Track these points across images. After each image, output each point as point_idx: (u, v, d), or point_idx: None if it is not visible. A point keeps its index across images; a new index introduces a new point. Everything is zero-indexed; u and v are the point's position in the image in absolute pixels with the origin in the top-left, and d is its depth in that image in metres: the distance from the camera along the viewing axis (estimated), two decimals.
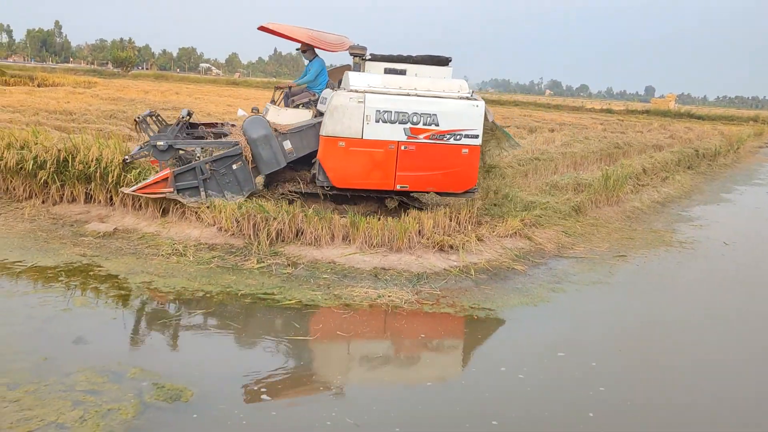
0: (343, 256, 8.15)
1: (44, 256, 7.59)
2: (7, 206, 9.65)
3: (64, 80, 43.01)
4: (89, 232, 8.66)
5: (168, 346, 5.71)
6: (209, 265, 7.68)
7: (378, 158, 9.17)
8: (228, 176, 9.17)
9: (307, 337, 5.93)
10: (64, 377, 4.80)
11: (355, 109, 9.04)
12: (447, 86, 9.36)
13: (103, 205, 9.46)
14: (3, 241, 8.05)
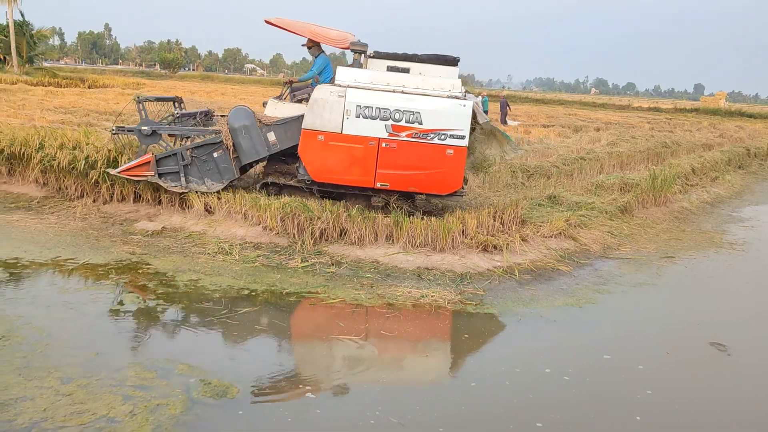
0: (386, 255, 8.17)
1: (95, 254, 7.77)
2: (60, 205, 9.92)
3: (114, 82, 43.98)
4: (138, 230, 8.84)
5: (215, 344, 5.79)
6: (254, 264, 7.78)
7: (357, 154, 9.10)
8: (209, 163, 9.43)
9: (352, 336, 5.96)
10: (115, 372, 4.92)
11: (335, 103, 9.04)
12: (438, 84, 9.14)
13: (152, 205, 9.66)
14: (56, 239, 8.27)
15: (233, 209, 9.04)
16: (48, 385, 4.63)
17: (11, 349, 5.17)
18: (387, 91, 9.06)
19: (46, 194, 10.45)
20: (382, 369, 5.53)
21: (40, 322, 5.77)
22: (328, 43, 10.10)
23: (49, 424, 4.13)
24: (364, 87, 9.09)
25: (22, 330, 5.55)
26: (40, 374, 4.78)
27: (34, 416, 4.21)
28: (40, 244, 8.05)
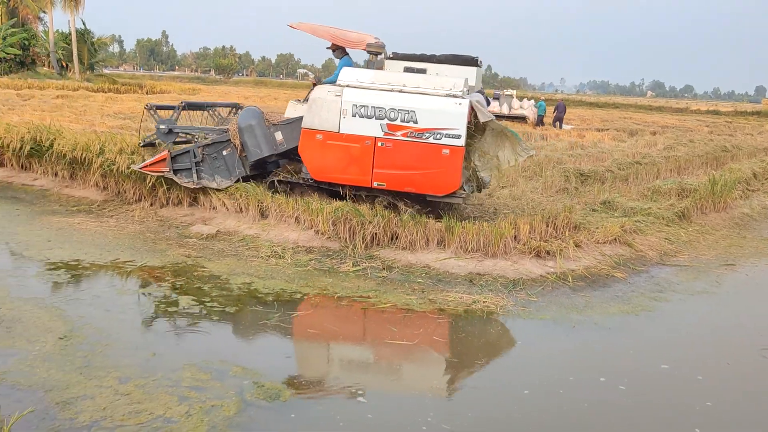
0: (437, 260, 8.14)
1: (152, 257, 7.95)
2: (119, 208, 10.18)
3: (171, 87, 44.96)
4: (193, 234, 9.01)
5: (268, 346, 5.86)
6: (306, 268, 7.85)
7: (354, 153, 9.09)
8: (219, 161, 9.85)
9: (403, 341, 5.95)
10: (171, 373, 5.01)
11: (332, 102, 9.09)
12: (438, 83, 8.98)
13: (207, 209, 9.83)
14: (115, 242, 8.49)
15: (286, 213, 9.14)
16: (107, 384, 4.74)
17: (72, 348, 5.32)
18: (385, 90, 9.01)
19: (105, 198, 10.74)
20: (435, 374, 5.52)
21: (99, 323, 5.92)
22: (346, 45, 10.15)
23: (108, 422, 4.23)
24: (362, 86, 9.09)
25: (83, 330, 5.70)
26: (100, 374, 4.91)
27: (94, 415, 4.32)
28: (100, 246, 8.27)
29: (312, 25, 10.58)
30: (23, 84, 35.64)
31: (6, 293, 6.46)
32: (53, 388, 4.63)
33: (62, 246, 8.19)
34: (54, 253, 7.88)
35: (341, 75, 9.28)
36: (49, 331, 5.63)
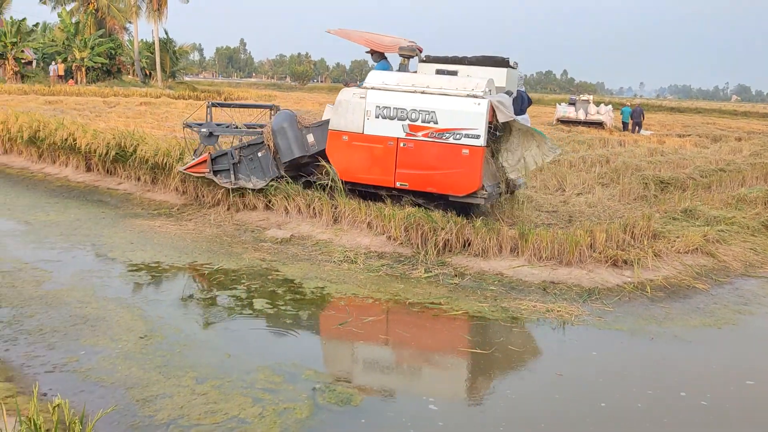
0: (510, 268, 8.04)
1: (228, 260, 8.14)
2: (197, 212, 10.47)
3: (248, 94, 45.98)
4: (268, 238, 9.18)
5: (340, 351, 5.91)
6: (378, 273, 7.88)
7: (378, 154, 9.24)
8: (254, 162, 10.21)
9: (477, 349, 5.90)
10: (245, 374, 5.11)
11: (357, 104, 9.30)
12: (461, 84, 9.00)
13: (281, 213, 9.99)
14: (194, 245, 8.73)
15: (358, 219, 9.21)
16: (185, 384, 4.87)
17: (152, 348, 5.49)
18: (407, 91, 9.11)
19: (184, 202, 11.06)
20: (508, 383, 5.43)
21: (178, 323, 6.10)
22: (380, 49, 10.30)
23: (185, 421, 4.35)
24: (385, 88, 9.24)
25: (163, 330, 5.88)
26: (178, 373, 5.04)
27: (172, 413, 4.44)
28: (179, 249, 8.52)
29: (347, 30, 10.85)
30: (109, 92, 37.11)
31: (91, 293, 6.73)
32: (134, 386, 4.79)
33: (144, 248, 8.48)
34: (136, 255, 8.17)
35: (368, 77, 9.52)
36: (131, 330, 5.83)
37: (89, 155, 13.08)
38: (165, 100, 33.63)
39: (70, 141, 13.35)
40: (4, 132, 14.95)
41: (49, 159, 14.06)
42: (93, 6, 54.88)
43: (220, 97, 41.81)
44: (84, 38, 48.70)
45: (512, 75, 9.93)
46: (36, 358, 5.20)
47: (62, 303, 6.40)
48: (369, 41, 10.35)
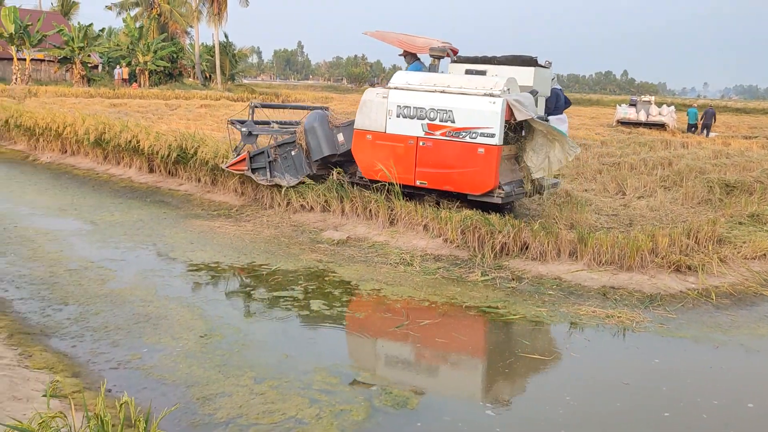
0: (569, 272, 7.91)
1: (286, 261, 8.22)
2: (255, 213, 10.63)
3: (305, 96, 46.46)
4: (325, 239, 9.25)
5: (396, 353, 5.91)
6: (434, 276, 7.85)
7: (399, 152, 9.41)
8: (288, 160, 10.61)
9: (536, 355, 5.81)
10: (302, 375, 5.15)
11: (379, 104, 9.52)
12: (480, 84, 9.03)
13: (338, 215, 10.06)
14: (252, 245, 8.85)
15: (414, 221, 9.19)
16: (243, 383, 4.94)
17: (212, 347, 5.59)
18: (427, 91, 9.21)
19: (243, 203, 11.24)
20: (569, 390, 5.33)
21: (236, 323, 6.19)
22: (412, 50, 10.45)
23: (244, 420, 4.40)
24: (407, 88, 9.41)
25: (222, 329, 5.98)
26: (237, 372, 5.12)
27: (231, 412, 4.50)
28: (238, 249, 8.65)
29: (383, 32, 11.12)
30: (171, 94, 37.97)
31: (153, 292, 6.89)
32: (194, 384, 4.88)
33: (203, 248, 8.64)
34: (196, 255, 8.33)
35: (393, 78, 9.70)
36: (191, 329, 5.95)
37: (152, 157, 13.42)
38: (224, 102, 34.23)
39: (133, 143, 13.72)
40: (71, 134, 15.44)
41: (113, 160, 14.47)
42: (156, 11, 56.34)
43: (278, 99, 42.40)
44: (147, 42, 49.96)
45: (541, 74, 9.91)
46: (101, 354, 5.35)
47: (126, 301, 6.57)
48: (402, 42, 10.50)
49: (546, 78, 10.14)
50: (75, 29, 45.83)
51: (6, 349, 5.17)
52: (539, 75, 9.83)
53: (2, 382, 4.38)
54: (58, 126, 15.91)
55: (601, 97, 71.13)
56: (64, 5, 61.93)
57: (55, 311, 6.24)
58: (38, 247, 8.40)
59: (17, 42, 42.76)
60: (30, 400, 4.24)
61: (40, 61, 47.91)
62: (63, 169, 14.78)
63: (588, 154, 15.74)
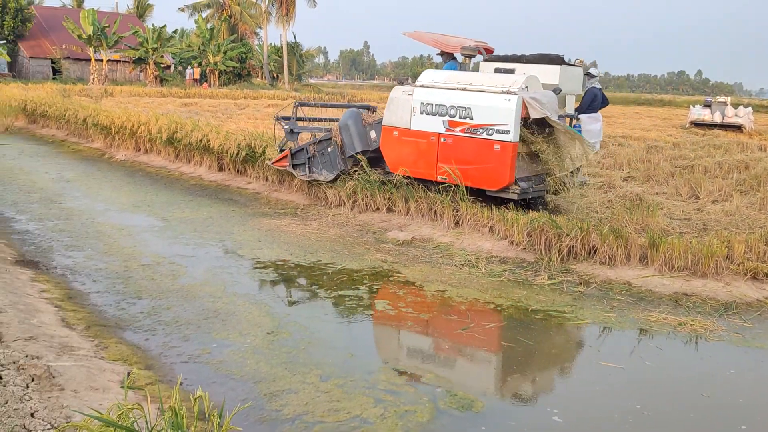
0: (639, 277, 7.72)
1: (351, 260, 8.28)
2: (321, 212, 10.74)
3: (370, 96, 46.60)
4: (390, 239, 9.27)
5: (461, 355, 5.87)
6: (500, 278, 7.77)
7: (422, 148, 9.71)
8: (325, 156, 11.02)
9: (604, 361, 5.69)
10: (367, 375, 5.18)
11: (405, 101, 9.85)
12: (499, 81, 9.26)
13: (402, 215, 10.07)
14: (317, 244, 8.95)
15: (480, 222, 9.13)
16: (309, 381, 5.00)
17: (279, 343, 5.67)
18: (449, 89, 9.48)
19: (309, 202, 11.37)
20: (640, 400, 5.19)
21: (303, 321, 6.27)
22: (446, 49, 10.78)
23: (309, 417, 4.45)
24: (431, 86, 9.73)
25: (288, 327, 6.07)
26: (303, 370, 5.18)
27: (297, 409, 4.56)
28: (304, 248, 8.76)
29: (420, 33, 11.67)
30: (239, 94, 38.73)
31: (222, 288, 7.04)
32: (262, 380, 4.96)
33: (271, 246, 8.78)
34: (263, 253, 8.47)
35: (421, 77, 10.05)
36: (259, 325, 6.05)
37: (221, 155, 13.72)
38: (291, 102, 34.61)
39: (204, 142, 14.05)
40: (145, 133, 15.92)
41: (184, 158, 14.86)
42: (227, 12, 57.56)
43: (344, 99, 42.71)
44: (218, 43, 51.11)
45: (568, 72, 10.12)
46: (172, 348, 5.50)
47: (196, 297, 6.74)
48: (437, 42, 10.91)
49: (575, 76, 10.36)
50: (149, 31, 47.30)
51: (84, 341, 5.37)
52: (566, 73, 10.06)
53: (80, 372, 4.55)
54: (133, 125, 16.43)
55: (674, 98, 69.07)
56: (139, 7, 63.96)
57: (129, 305, 6.45)
58: (113, 242, 8.69)
59: (95, 43, 44.37)
60: (106, 390, 4.39)
61: (116, 62, 49.65)
62: (137, 167, 15.26)
63: (659, 157, 15.31)
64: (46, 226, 9.38)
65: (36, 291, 6.52)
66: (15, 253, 7.94)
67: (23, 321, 5.39)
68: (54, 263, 7.69)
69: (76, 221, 9.76)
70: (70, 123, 19.79)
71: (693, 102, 40.34)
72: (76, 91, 30.91)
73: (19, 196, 11.52)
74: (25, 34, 50.52)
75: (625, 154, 15.16)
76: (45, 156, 16.73)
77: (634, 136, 19.64)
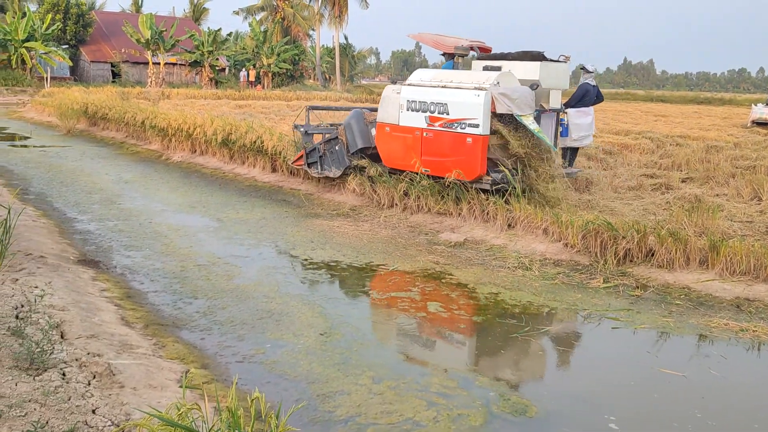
0: (698, 282, 7.51)
1: (403, 262, 8.27)
2: (373, 214, 10.76)
3: None
4: (442, 241, 9.24)
5: (515, 359, 5.81)
6: (554, 281, 7.67)
7: (409, 143, 10.37)
8: (334, 154, 11.81)
9: (665, 368, 5.55)
10: (420, 377, 5.17)
11: (394, 99, 10.53)
12: (475, 78, 9.90)
13: (455, 217, 10.02)
14: (370, 245, 8.97)
15: (533, 224, 9.02)
16: (362, 382, 5.01)
17: (331, 344, 5.70)
18: (430, 86, 10.15)
19: (361, 203, 11.40)
20: (700, 407, 5.06)
21: (356, 322, 6.29)
22: (443, 49, 11.53)
23: (362, 419, 4.46)
24: (419, 84, 10.40)
25: (341, 328, 6.09)
26: (356, 371, 5.20)
27: (350, 410, 4.58)
28: (356, 249, 8.79)
29: (423, 34, 12.71)
30: (292, 95, 39.14)
31: (276, 288, 7.12)
32: (315, 381, 5.00)
33: (323, 247, 8.84)
34: (316, 254, 8.54)
35: (412, 76, 10.79)
36: (312, 326, 6.10)
37: (275, 157, 13.88)
38: (344, 103, 34.87)
39: (258, 143, 14.24)
40: (200, 135, 16.21)
41: (239, 160, 15.08)
42: (280, 15, 58.26)
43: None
44: (271, 45, 51.79)
45: (549, 68, 10.53)
46: (228, 348, 5.58)
47: (250, 297, 6.82)
48: (436, 42, 11.62)
49: (559, 72, 10.77)
50: (205, 34, 48.18)
51: (142, 339, 5.50)
52: (546, 69, 10.47)
53: (139, 370, 4.66)
54: (189, 127, 16.74)
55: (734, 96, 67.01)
56: (195, 11, 65.26)
57: (186, 304, 6.57)
58: (170, 242, 8.88)
59: (153, 47, 45.42)
60: (164, 389, 4.49)
61: (172, 65, 50.70)
62: (192, 168, 15.55)
63: (719, 157, 14.88)
64: (106, 226, 9.64)
65: (97, 290, 6.70)
66: (77, 252, 8.17)
67: (85, 319, 5.54)
68: (114, 263, 7.90)
69: (134, 221, 10.00)
70: (128, 125, 20.29)
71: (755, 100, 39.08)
72: (134, 94, 31.69)
73: (81, 196, 11.87)
74: (87, 38, 52.07)
75: (684, 154, 14.78)
76: (105, 158, 17.19)
77: (693, 136, 19.13)
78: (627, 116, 28.67)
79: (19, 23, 42.74)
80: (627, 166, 13.98)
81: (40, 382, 4.05)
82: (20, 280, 6.15)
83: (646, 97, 57.69)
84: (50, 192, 12.20)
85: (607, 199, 10.66)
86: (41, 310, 5.38)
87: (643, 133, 19.12)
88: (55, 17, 47.58)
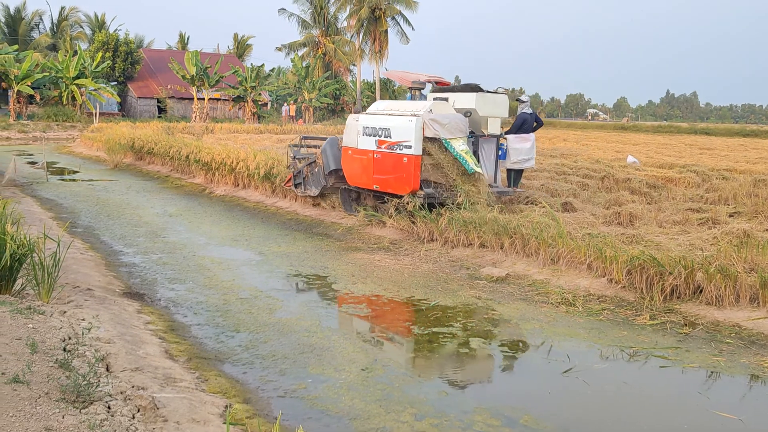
0: (749, 319, 7.29)
1: (445, 296, 8.22)
2: (414, 248, 10.73)
3: None
4: (483, 275, 9.16)
5: (561, 398, 5.68)
6: (599, 317, 7.52)
7: (364, 164, 11.86)
8: (315, 176, 13.31)
9: (718, 411, 5.37)
10: (463, 415, 5.09)
11: (354, 126, 12.15)
12: (412, 107, 11.47)
13: (496, 251, 9.94)
14: (411, 279, 8.94)
15: (577, 259, 8.90)
16: (404, 419, 4.95)
17: (373, 380, 5.66)
18: (381, 114, 11.78)
19: (401, 237, 11.40)
20: None
21: (397, 357, 6.26)
22: (406, 83, 13.09)
23: None
24: (374, 113, 12.04)
25: (382, 363, 6.05)
26: (397, 408, 5.14)
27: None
28: (397, 283, 8.76)
29: (393, 71, 16.18)
30: (333, 130, 39.40)
31: (317, 323, 7.12)
32: (356, 417, 4.96)
33: (364, 281, 8.84)
34: (357, 288, 8.53)
35: (371, 106, 12.57)
36: (353, 361, 6.07)
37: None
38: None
39: None
40: (243, 169, 16.46)
41: (280, 194, 15.23)
42: (321, 50, 59.17)
43: None
44: (312, 80, 52.56)
45: (486, 98, 12.14)
46: (269, 382, 5.58)
47: (292, 331, 6.84)
48: (401, 78, 13.75)
49: (496, 102, 12.30)
50: (248, 70, 49.14)
51: (186, 373, 5.53)
52: (482, 99, 12.08)
53: (183, 404, 4.68)
54: (232, 161, 17.02)
55: None
56: (239, 48, 66.72)
57: (228, 338, 6.61)
58: (213, 275, 8.97)
59: (197, 83, 46.47)
60: (207, 423, 4.50)
61: (216, 100, 51.83)
62: (235, 202, 15.76)
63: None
64: (150, 259, 9.79)
65: (142, 323, 6.79)
66: (123, 285, 8.31)
67: (130, 352, 5.60)
68: (158, 295, 8.00)
69: (178, 255, 10.14)
70: (173, 159, 20.70)
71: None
72: (179, 129, 32.35)
73: (127, 230, 12.10)
74: (134, 75, 53.58)
75: (731, 188, 14.46)
76: (150, 191, 17.54)
77: (740, 169, 18.73)
78: (671, 149, 28.26)
79: (71, 61, 44.14)
80: (672, 200, 13.75)
81: (86, 414, 4.09)
82: (68, 312, 6.25)
83: (689, 130, 56.71)
84: (97, 225, 12.47)
85: (652, 233, 10.46)
86: (88, 343, 5.47)
87: (687, 166, 18.78)
88: (104, 55, 49.11)
